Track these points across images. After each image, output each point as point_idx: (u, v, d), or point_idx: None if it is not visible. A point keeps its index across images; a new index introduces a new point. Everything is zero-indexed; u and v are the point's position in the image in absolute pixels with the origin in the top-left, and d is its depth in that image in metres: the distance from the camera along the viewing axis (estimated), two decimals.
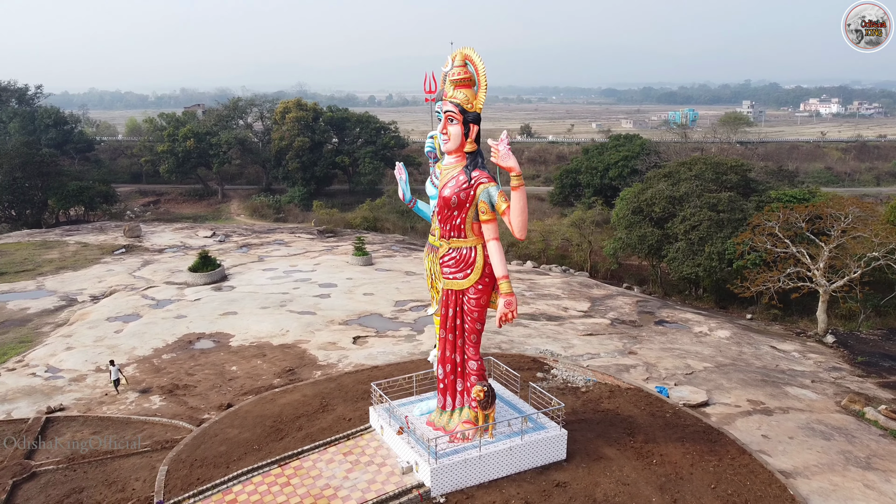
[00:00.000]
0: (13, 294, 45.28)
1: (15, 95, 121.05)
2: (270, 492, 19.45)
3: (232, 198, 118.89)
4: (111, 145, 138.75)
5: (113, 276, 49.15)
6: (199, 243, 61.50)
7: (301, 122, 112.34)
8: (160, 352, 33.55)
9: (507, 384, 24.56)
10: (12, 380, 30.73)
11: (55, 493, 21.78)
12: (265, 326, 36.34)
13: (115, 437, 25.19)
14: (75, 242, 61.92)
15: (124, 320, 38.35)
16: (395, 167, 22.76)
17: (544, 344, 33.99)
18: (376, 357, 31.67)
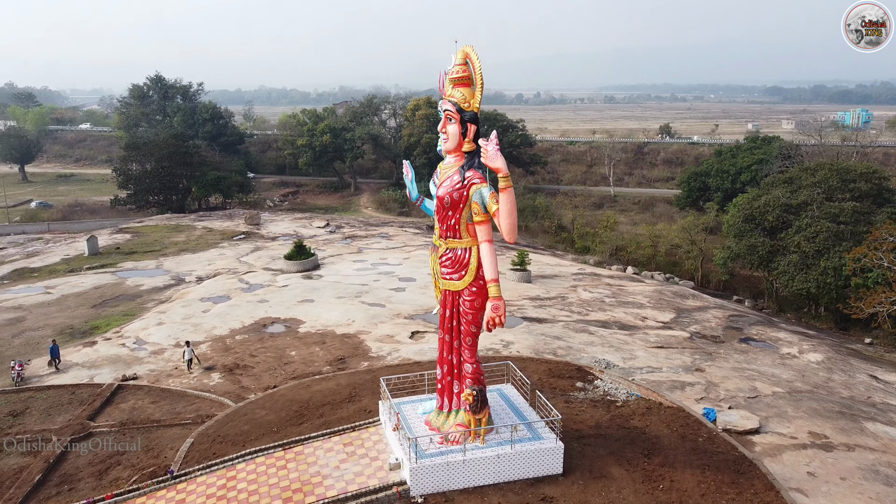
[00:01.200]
0: (135, 272, 50.28)
1: (180, 92, 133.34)
2: (267, 473, 20.34)
3: (364, 191, 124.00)
4: (261, 139, 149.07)
5: (222, 259, 53.13)
6: (311, 233, 64.83)
7: (430, 119, 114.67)
8: (235, 333, 35.89)
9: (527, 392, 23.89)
10: (104, 348, 34.22)
11: (101, 453, 24.06)
12: (334, 315, 37.76)
13: (168, 407, 27.40)
14: (202, 227, 67.54)
15: (215, 301, 41.40)
16: (403, 165, 22.81)
17: (603, 353, 32.62)
18: (426, 353, 31.93)
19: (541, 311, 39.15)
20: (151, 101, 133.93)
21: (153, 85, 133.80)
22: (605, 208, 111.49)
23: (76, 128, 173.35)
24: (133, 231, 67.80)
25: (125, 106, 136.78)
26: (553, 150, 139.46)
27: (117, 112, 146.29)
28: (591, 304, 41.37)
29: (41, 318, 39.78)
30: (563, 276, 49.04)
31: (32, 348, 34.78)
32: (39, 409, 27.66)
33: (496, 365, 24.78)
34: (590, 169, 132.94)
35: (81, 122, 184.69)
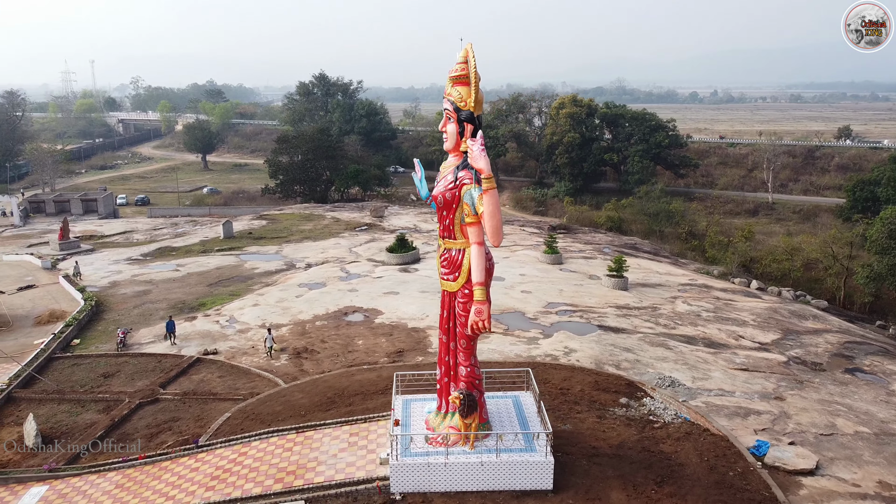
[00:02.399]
0: (257, 255, 54.39)
1: (341, 89, 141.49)
2: (273, 453, 21.42)
3: (505, 189, 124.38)
4: (414, 135, 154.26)
5: (336, 249, 55.93)
6: (430, 228, 66.31)
7: (574, 118, 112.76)
8: (317, 318, 37.77)
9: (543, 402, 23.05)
10: (200, 324, 37.47)
11: (160, 417, 26.54)
12: (411, 309, 38.50)
13: (230, 383, 29.55)
14: (331, 217, 71.43)
15: (311, 287, 43.78)
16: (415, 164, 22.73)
17: (673, 370, 30.49)
18: (481, 353, 31.54)
19: (623, 320, 37.31)
20: (315, 97, 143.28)
21: (317, 83, 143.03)
22: (759, 216, 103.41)
23: (254, 122, 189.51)
24: (270, 218, 73.25)
25: (291, 102, 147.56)
26: (709, 153, 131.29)
27: (284, 107, 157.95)
28: (683, 318, 38.74)
29: (163, 292, 44.29)
30: (668, 285, 46.27)
31: (145, 319, 38.86)
32: (127, 373, 30.96)
33: (516, 371, 24.09)
34: (749, 173, 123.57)
35: (261, 118, 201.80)
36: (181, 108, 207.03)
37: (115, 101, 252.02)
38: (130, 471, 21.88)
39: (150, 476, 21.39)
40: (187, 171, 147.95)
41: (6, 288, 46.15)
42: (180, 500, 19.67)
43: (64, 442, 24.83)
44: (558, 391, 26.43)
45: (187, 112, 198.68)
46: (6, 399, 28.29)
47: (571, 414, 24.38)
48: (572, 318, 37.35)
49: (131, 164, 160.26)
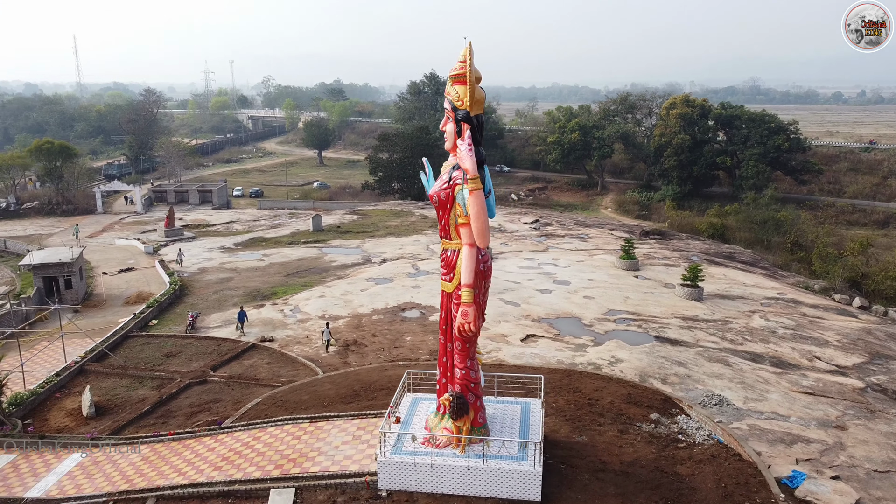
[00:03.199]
0: (338, 249, 56.22)
1: None
2: (283, 440, 22.15)
3: (611, 191, 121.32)
4: (523, 135, 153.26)
5: (414, 245, 56.74)
6: (514, 228, 65.83)
7: (685, 118, 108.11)
8: (375, 313, 38.54)
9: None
10: (266, 312, 39.26)
11: (203, 397, 28.11)
12: None
13: (275, 370, 30.80)
14: (419, 215, 72.47)
15: (377, 282, 44.71)
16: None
17: (725, 389, 28.61)
18: (523, 357, 31.15)
19: (685, 332, 35.40)
20: (426, 96, 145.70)
21: (428, 82, 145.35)
22: (889, 227, 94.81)
23: (370, 120, 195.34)
24: (362, 213, 75.39)
25: (403, 101, 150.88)
26: (839, 157, 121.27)
27: (396, 106, 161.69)
28: (755, 333, 36.20)
29: (243, 280, 46.77)
30: (751, 298, 43.36)
31: (219, 305, 41.23)
32: (187, 354, 33.00)
33: (528, 377, 23.48)
34: (884, 181, 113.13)
35: (378, 116, 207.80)
36: (304, 105, 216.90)
37: (247, 99, 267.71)
38: (159, 445, 23.34)
39: (172, 452, 22.73)
40: (304, 166, 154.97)
41: (110, 270, 50.40)
42: (190, 476, 20.77)
43: (114, 414, 26.86)
44: (586, 401, 25.53)
45: (309, 110, 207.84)
46: (79, 371, 30.97)
47: (592, 426, 23.49)
48: (630, 327, 35.88)
49: (254, 158, 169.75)
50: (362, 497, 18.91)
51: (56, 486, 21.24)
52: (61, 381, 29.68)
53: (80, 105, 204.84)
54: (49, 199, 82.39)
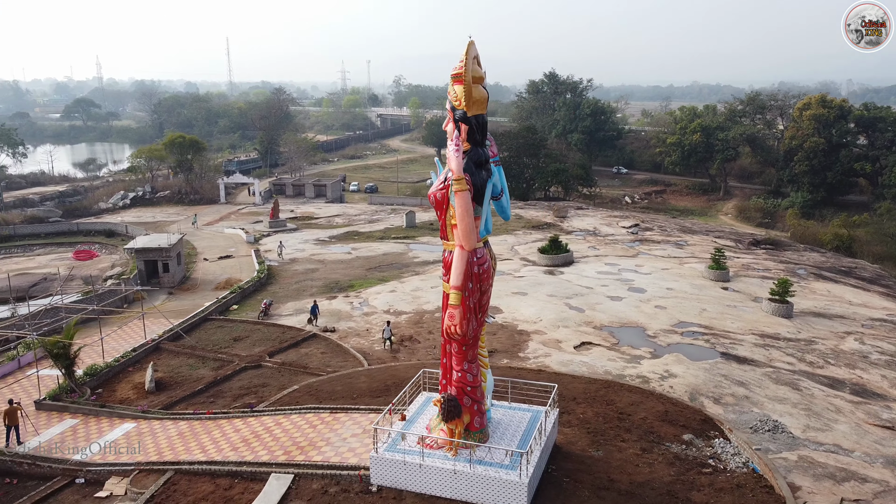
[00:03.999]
0: (424, 245, 57.08)
1: (569, 88, 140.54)
2: (300, 427, 22.96)
3: (734, 196, 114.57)
4: (644, 136, 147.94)
5: (499, 245, 56.47)
6: (610, 231, 63.82)
7: (819, 120, 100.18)
8: (438, 310, 38.73)
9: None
10: (336, 304, 40.64)
11: (254, 381, 29.63)
12: (529, 311, 37.80)
13: (326, 359, 31.87)
14: (514, 215, 71.90)
15: None
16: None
17: (785, 414, 26.35)
18: (570, 364, 30.23)
19: (757, 350, 32.88)
20: (544, 95, 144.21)
21: (547, 81, 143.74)
22: None
23: (491, 119, 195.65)
24: None
25: (520, 100, 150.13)
26: None
27: (514, 105, 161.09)
28: (842, 357, 32.98)
29: (327, 272, 48.65)
30: (851, 318, 39.47)
31: (297, 294, 43.15)
32: (252, 339, 34.85)
33: (542, 385, 22.77)
34: None
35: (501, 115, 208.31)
36: (429, 104, 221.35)
37: (377, 98, 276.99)
38: (196, 423, 24.89)
39: (205, 430, 24.17)
40: (423, 163, 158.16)
41: (211, 256, 54.09)
42: (210, 453, 22.03)
43: (172, 390, 28.89)
44: (617, 415, 24.42)
45: (434, 108, 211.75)
46: (154, 348, 33.57)
47: (614, 441, 22.46)
48: (696, 340, 33.84)
49: (377, 154, 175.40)
50: (353, 490, 19.23)
51: (100, 452, 23.22)
52: (136, 356, 32.29)
53: (225, 103, 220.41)
54: (179, 188, 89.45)
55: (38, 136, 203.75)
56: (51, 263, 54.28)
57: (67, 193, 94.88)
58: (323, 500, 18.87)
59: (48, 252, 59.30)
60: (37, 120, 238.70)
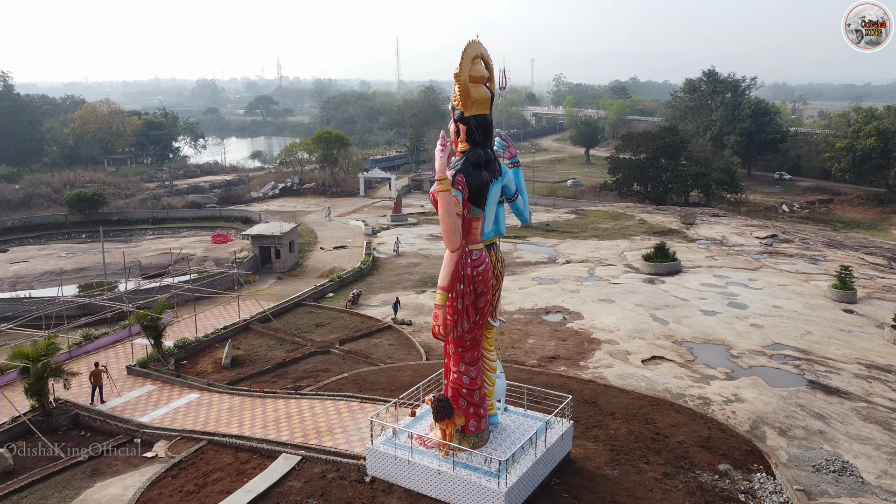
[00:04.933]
0: (532, 246, 56.58)
1: (730, 87, 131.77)
2: (326, 412, 24.06)
3: None
4: (814, 138, 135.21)
5: (609, 250, 54.58)
6: (739, 242, 59.41)
7: None
8: (518, 312, 38.47)
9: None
10: (422, 298, 41.56)
11: (318, 366, 31.27)
12: (609, 320, 36.34)
13: (390, 351, 32.82)
14: (638, 219, 68.97)
15: (541, 282, 44.28)
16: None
17: (862, 455, 23.36)
18: (628, 378, 28.75)
19: (857, 382, 29.21)
20: (701, 94, 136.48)
21: (706, 79, 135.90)
22: None
23: (648, 118, 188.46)
24: (582, 213, 74.12)
25: (675, 99, 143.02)
26: None
27: (668, 104, 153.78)
28: None
29: (427, 267, 49.75)
30: None
31: (390, 286, 44.62)
32: (332, 326, 36.63)
33: (557, 395, 21.92)
34: None
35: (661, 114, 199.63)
36: (584, 103, 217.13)
37: (535, 97, 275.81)
38: (247, 399, 26.77)
39: (251, 406, 25.94)
40: (570, 163, 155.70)
41: (327, 245, 57.21)
42: (244, 428, 23.67)
43: (244, 367, 31.17)
44: (652, 435, 23.01)
45: (590, 107, 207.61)
46: (244, 328, 36.32)
47: (637, 461, 21.23)
48: (784, 364, 30.79)
49: (525, 154, 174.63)
50: (350, 478, 19.83)
51: (160, 417, 25.70)
52: (226, 334, 35.12)
53: (386, 101, 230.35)
54: (323, 181, 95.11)
55: (225, 130, 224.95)
56: (192, 245, 60.16)
57: (233, 182, 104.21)
58: (318, 483, 19.65)
59: (192, 234, 65.77)
60: (225, 115, 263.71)
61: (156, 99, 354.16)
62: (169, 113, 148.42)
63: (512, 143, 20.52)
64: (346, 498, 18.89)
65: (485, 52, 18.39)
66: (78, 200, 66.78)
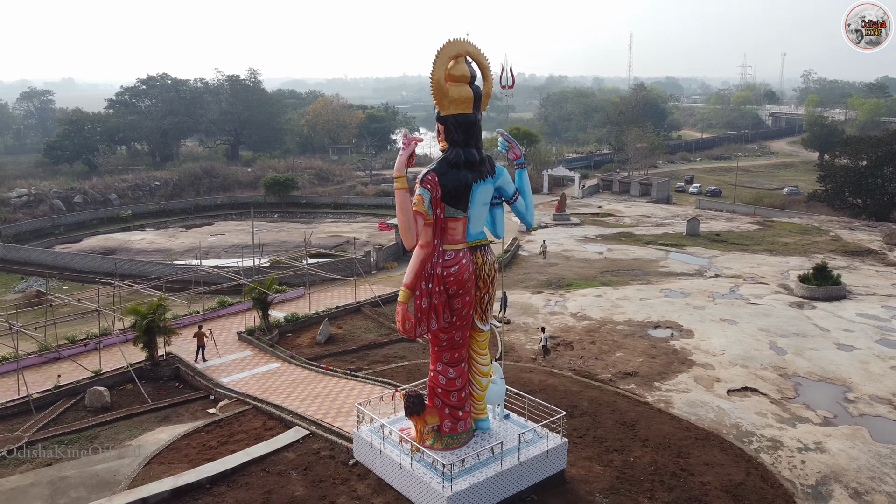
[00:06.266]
0: (686, 256, 52.77)
1: None
2: (359, 396, 25.23)
3: None
4: None
5: (774, 266, 48.93)
6: None
7: None
8: (626, 323, 36.36)
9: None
10: (534, 299, 41.06)
11: (398, 352, 32.74)
12: (718, 341, 32.92)
13: None
14: (833, 236, 60.60)
15: (668, 295, 41.23)
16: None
17: None
18: (694, 406, 26.02)
19: None
20: None
21: None
22: None
23: None
24: (768, 224, 66.83)
25: None
26: None
27: None
28: None
29: (562, 269, 48.83)
30: None
31: (515, 284, 44.57)
32: None
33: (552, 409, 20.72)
34: None
35: None
36: (832, 102, 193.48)
37: (774, 94, 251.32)
38: (313, 374, 28.96)
39: (310, 381, 28.08)
40: (799, 169, 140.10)
41: None
42: (288, 399, 25.79)
43: (334, 345, 33.51)
44: (675, 469, 20.94)
45: (836, 108, 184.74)
46: (355, 309, 38.84)
47: (639, 495, 19.57)
48: None
49: (750, 157, 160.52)
50: (338, 458, 20.91)
51: (237, 381, 28.76)
52: (336, 313, 37.88)
53: (602, 98, 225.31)
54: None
55: None
56: (360, 230, 64.97)
57: None
58: (309, 458, 20.96)
59: (364, 220, 70.82)
60: None
61: (399, 94, 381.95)
62: (390, 107, 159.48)
63: (516, 143, 19.83)
64: (323, 475, 19.95)
65: (474, 51, 18.10)
66: (273, 184, 75.28)
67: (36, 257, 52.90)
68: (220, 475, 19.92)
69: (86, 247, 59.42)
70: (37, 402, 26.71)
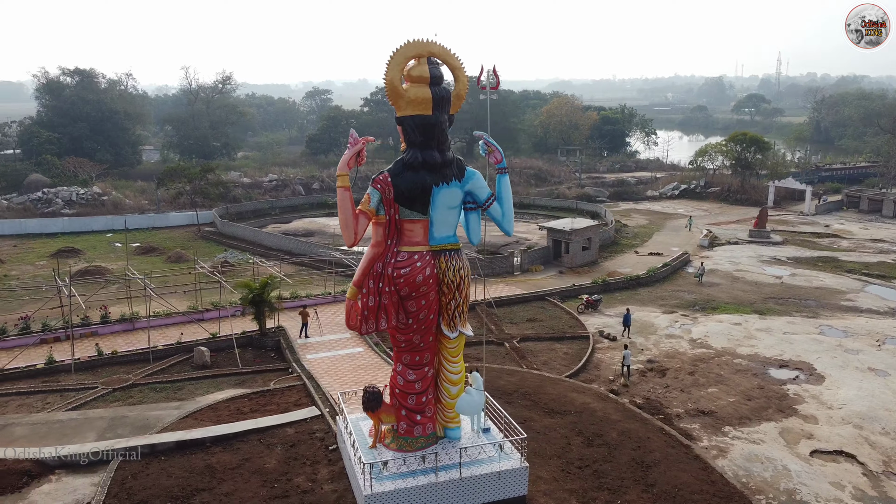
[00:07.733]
0: (891, 291, 44.16)
1: None
2: None
3: None
4: None
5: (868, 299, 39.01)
6: None
7: None
8: (748, 358, 31.86)
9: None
10: (661, 318, 37.87)
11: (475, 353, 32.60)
12: (846, 394, 27.37)
13: (553, 356, 31.94)
14: None
15: (824, 331, 35.21)
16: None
17: None
18: (755, 462, 22.09)
19: None
20: None
21: None
22: None
23: None
24: None
25: None
26: None
27: None
28: None
29: (721, 290, 44.01)
30: None
31: (653, 300, 41.53)
32: (542, 324, 36.97)
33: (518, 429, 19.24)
34: None
35: None
36: None
37: None
38: (379, 359, 30.32)
39: (372, 366, 29.59)
40: None
41: (642, 251, 54.82)
42: (333, 380, 27.45)
43: None
44: None
45: None
46: (470, 307, 39.23)
47: None
48: None
49: None
50: (326, 441, 21.95)
51: (316, 359, 31.09)
52: None
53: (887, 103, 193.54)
54: (729, 186, 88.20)
55: (710, 128, 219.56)
56: (534, 231, 64.47)
57: (643, 180, 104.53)
58: (301, 437, 22.31)
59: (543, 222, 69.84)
60: (713, 113, 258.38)
61: (665, 95, 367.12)
62: (626, 109, 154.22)
63: (497, 147, 18.82)
64: (300, 454, 21.15)
65: (440, 52, 17.68)
66: None
67: (241, 233, 61.40)
68: (223, 437, 22.02)
69: (291, 228, 67.26)
70: (156, 354, 31.57)
